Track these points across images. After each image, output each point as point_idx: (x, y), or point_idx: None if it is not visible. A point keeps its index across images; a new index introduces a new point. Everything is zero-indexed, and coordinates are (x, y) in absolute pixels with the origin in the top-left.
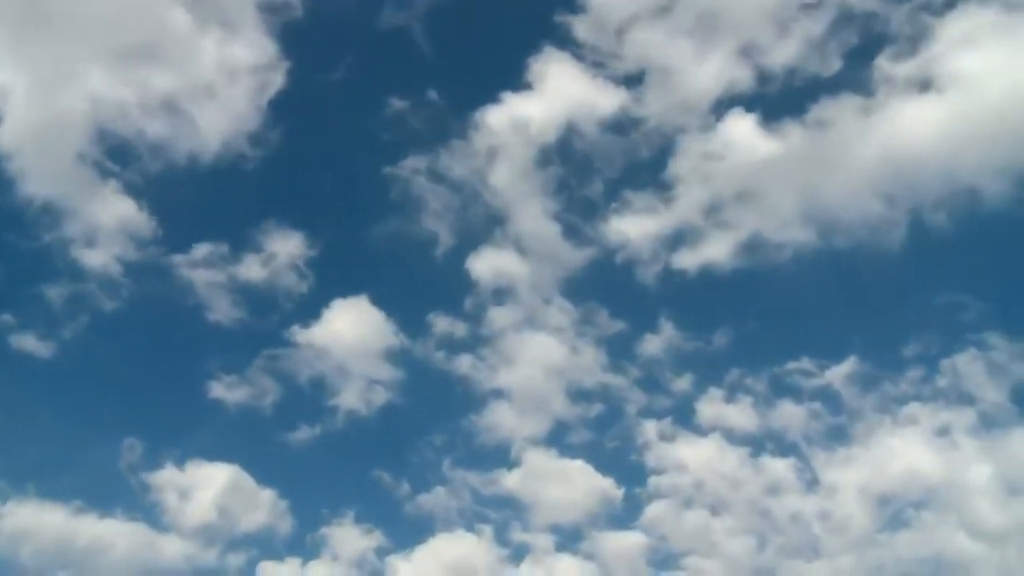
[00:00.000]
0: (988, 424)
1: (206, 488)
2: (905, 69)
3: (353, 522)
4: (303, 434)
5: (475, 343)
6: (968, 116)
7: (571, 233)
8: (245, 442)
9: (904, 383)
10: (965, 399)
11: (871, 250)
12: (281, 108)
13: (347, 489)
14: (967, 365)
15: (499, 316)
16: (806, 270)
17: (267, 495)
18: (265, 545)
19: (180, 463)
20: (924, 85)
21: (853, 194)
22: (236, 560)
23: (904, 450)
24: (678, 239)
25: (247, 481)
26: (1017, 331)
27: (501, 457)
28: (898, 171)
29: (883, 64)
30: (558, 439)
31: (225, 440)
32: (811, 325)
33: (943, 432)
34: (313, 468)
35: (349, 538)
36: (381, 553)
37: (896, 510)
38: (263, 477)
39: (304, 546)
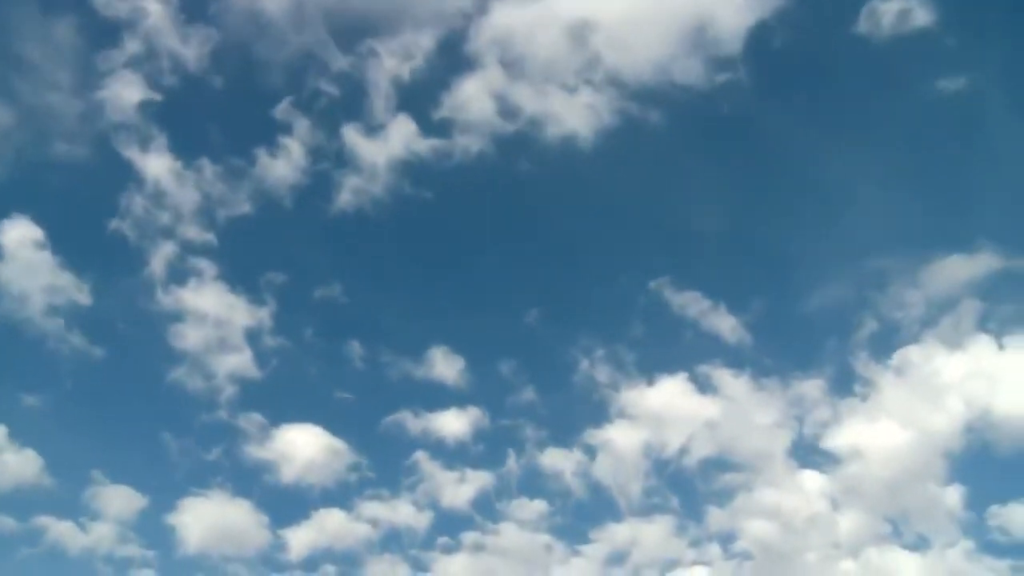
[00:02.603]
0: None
1: None
2: None
3: (113, 481)
4: (38, 392)
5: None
6: None
7: None
8: None
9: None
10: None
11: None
12: None
13: (98, 449)
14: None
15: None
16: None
17: (28, 453)
18: (34, 503)
19: None
20: None
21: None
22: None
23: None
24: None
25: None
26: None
27: (217, 422)
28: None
29: None
30: (261, 401)
31: None
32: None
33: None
34: (63, 427)
35: (116, 497)
36: (152, 512)
37: (680, 470)
38: (17, 435)
39: (73, 505)
